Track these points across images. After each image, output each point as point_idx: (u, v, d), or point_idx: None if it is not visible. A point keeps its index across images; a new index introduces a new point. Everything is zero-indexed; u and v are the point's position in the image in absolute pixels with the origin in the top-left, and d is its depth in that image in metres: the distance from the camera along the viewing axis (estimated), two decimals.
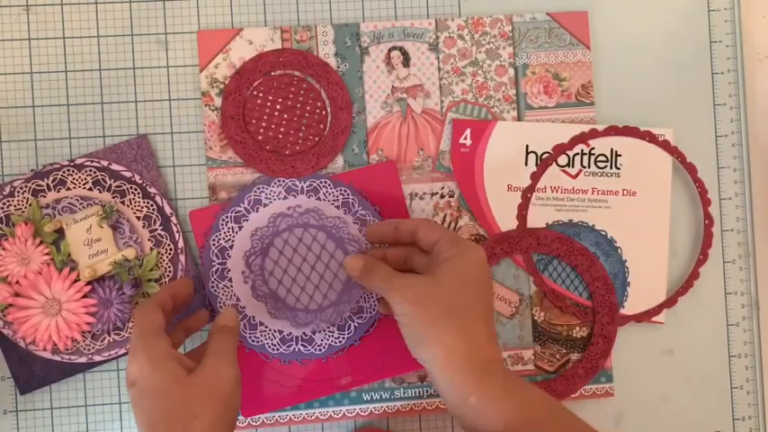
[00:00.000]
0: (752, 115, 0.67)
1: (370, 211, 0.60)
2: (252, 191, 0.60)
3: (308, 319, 0.59)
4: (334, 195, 0.60)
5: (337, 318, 0.59)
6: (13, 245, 0.59)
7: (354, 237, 0.60)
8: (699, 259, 0.65)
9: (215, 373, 0.49)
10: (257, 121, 0.64)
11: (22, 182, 0.61)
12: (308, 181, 0.60)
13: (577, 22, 0.66)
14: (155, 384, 0.47)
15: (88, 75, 0.64)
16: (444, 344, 0.49)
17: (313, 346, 0.60)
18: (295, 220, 0.59)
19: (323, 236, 0.59)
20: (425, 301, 0.50)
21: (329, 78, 0.64)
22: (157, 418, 0.46)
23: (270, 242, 0.59)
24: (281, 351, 0.60)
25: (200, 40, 0.64)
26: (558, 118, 0.66)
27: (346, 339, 0.60)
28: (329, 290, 0.59)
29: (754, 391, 0.66)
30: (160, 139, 0.64)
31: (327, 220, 0.59)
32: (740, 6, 0.67)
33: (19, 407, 0.62)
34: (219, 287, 0.59)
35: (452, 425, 0.65)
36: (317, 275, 0.59)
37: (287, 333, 0.59)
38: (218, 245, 0.59)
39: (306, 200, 0.59)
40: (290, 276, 0.59)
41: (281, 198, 0.59)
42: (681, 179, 0.66)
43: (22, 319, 0.59)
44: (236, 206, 0.60)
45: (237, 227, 0.59)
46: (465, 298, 0.50)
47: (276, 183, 0.60)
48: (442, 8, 0.66)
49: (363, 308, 0.60)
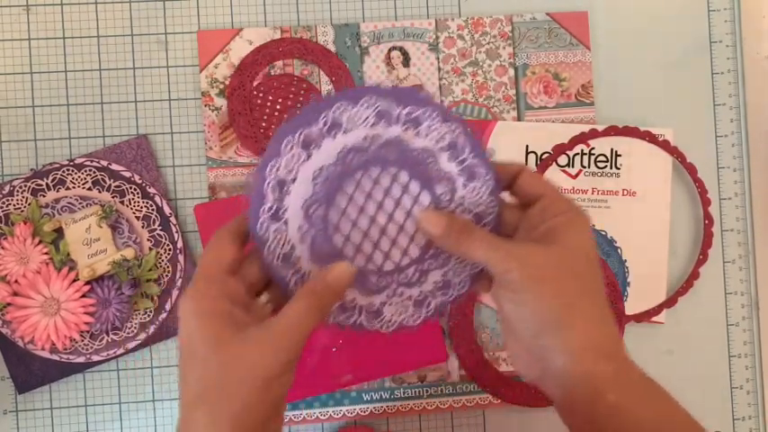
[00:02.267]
0: (752, 115, 0.67)
1: (485, 162, 0.44)
2: (332, 108, 0.42)
3: (380, 283, 0.45)
4: (439, 133, 0.44)
5: (419, 279, 0.45)
6: (12, 244, 0.59)
7: (447, 174, 0.44)
8: (699, 259, 0.65)
9: (267, 347, 0.38)
10: (257, 120, 0.64)
11: (22, 181, 0.61)
12: (409, 108, 0.43)
13: (577, 23, 0.66)
14: (192, 346, 0.38)
15: (88, 75, 0.64)
16: (581, 330, 0.40)
17: (380, 321, 0.45)
18: (372, 154, 0.43)
19: (405, 175, 0.44)
20: (556, 276, 0.40)
21: (330, 63, 0.64)
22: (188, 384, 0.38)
23: (338, 186, 0.44)
24: (339, 321, 0.45)
25: (200, 41, 0.64)
26: (558, 118, 0.66)
27: (422, 319, 0.46)
28: (410, 245, 0.44)
29: (754, 390, 0.66)
30: (160, 139, 0.64)
31: (412, 153, 0.43)
32: (740, 6, 0.67)
33: (19, 407, 0.62)
34: (271, 230, 0.43)
35: (452, 425, 0.65)
36: (396, 226, 0.44)
37: (349, 300, 0.45)
38: (276, 175, 0.43)
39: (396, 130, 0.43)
40: (360, 230, 0.44)
41: (367, 126, 0.43)
42: (681, 179, 0.66)
43: (20, 318, 0.59)
44: (306, 126, 0.42)
45: (305, 154, 0.43)
46: (594, 275, 0.42)
47: (365, 102, 0.42)
48: (441, 8, 0.66)
49: (451, 283, 0.45)
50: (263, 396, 0.38)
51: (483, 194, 0.44)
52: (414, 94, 0.42)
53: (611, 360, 0.40)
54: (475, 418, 0.65)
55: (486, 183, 0.44)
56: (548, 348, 0.40)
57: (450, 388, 0.64)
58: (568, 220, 0.41)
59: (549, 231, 0.41)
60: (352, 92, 0.42)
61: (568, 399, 0.41)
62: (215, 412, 0.37)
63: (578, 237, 0.41)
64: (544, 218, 0.41)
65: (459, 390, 0.64)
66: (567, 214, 0.41)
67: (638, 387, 0.40)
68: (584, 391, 0.40)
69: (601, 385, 0.39)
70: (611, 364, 0.40)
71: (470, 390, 0.64)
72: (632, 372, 0.41)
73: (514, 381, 0.64)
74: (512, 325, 0.42)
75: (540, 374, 0.42)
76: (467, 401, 0.64)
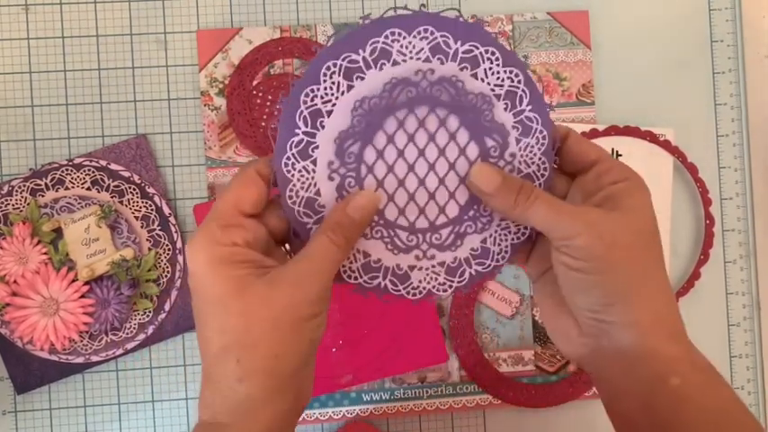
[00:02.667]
0: (753, 115, 0.67)
1: (544, 116, 0.39)
2: (382, 34, 0.37)
3: (410, 242, 0.40)
4: (499, 77, 0.39)
5: (454, 242, 0.40)
6: (11, 244, 0.59)
7: (500, 126, 0.39)
8: (700, 259, 0.65)
9: (294, 287, 0.34)
10: (257, 120, 0.63)
11: (21, 181, 0.60)
12: (469, 44, 0.38)
13: (578, 22, 0.66)
14: (209, 296, 0.35)
15: (87, 74, 0.64)
16: (651, 304, 0.36)
17: (406, 286, 0.40)
18: (422, 91, 0.38)
19: (454, 121, 0.39)
20: (629, 247, 0.36)
21: None
22: (209, 337, 0.35)
23: (379, 122, 0.38)
24: (362, 282, 0.39)
25: (199, 40, 0.64)
26: (559, 118, 0.65)
27: (454, 288, 0.40)
28: (449, 202, 0.39)
29: (756, 391, 0.66)
30: (159, 138, 0.64)
31: (466, 96, 0.38)
32: (741, 6, 0.67)
33: (18, 407, 0.62)
34: (296, 169, 0.38)
35: (452, 425, 0.64)
36: (436, 179, 0.39)
37: (374, 259, 0.39)
38: (311, 105, 0.38)
39: (452, 68, 0.38)
40: (396, 177, 0.39)
41: (420, 59, 0.38)
42: (682, 179, 0.66)
43: (19, 318, 0.59)
44: (351, 51, 0.37)
45: (347, 84, 0.37)
46: (659, 250, 0.38)
47: (421, 32, 0.37)
48: (442, 7, 0.66)
49: (489, 252, 0.40)
50: (294, 340, 0.35)
51: (536, 154, 0.39)
52: (476, 29, 0.38)
53: (678, 341, 0.37)
54: (475, 419, 0.64)
55: (540, 141, 0.39)
56: (611, 323, 0.37)
57: (451, 388, 0.64)
58: (631, 187, 0.37)
59: (610, 198, 0.37)
60: (407, 18, 0.37)
61: (625, 381, 0.37)
62: (245, 362, 0.34)
63: (643, 205, 0.37)
64: (601, 184, 0.38)
65: (460, 390, 0.64)
66: (628, 181, 0.37)
67: (702, 374, 0.37)
68: (646, 373, 0.36)
69: (665, 367, 0.36)
70: (679, 345, 0.37)
71: (470, 390, 0.64)
72: (697, 356, 0.38)
73: (514, 381, 0.64)
74: (568, 297, 0.38)
75: (591, 353, 0.38)
76: (467, 402, 0.64)
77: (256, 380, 0.34)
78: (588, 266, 0.36)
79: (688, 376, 0.36)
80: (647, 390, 0.36)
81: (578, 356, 0.39)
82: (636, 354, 0.36)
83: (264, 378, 0.34)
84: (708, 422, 0.36)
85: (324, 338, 0.62)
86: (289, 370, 0.35)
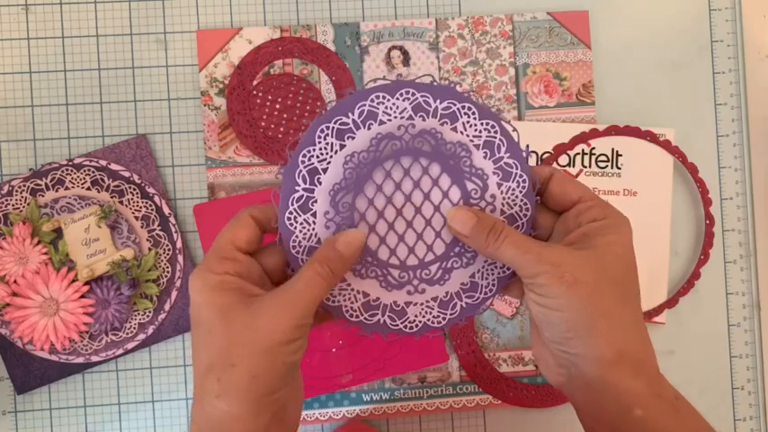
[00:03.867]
0: (753, 115, 0.67)
1: (521, 162, 0.43)
2: (368, 98, 0.42)
3: (402, 278, 0.44)
4: (476, 129, 0.43)
5: (442, 277, 0.44)
6: (11, 244, 0.59)
7: (479, 171, 0.43)
8: (700, 259, 0.65)
9: (273, 313, 0.37)
10: (257, 120, 0.63)
11: (21, 181, 0.60)
12: (447, 102, 0.42)
13: (578, 22, 0.66)
14: (201, 316, 0.38)
15: (87, 74, 0.64)
16: (615, 340, 0.38)
17: (404, 321, 0.44)
18: (405, 143, 0.42)
19: (437, 168, 0.43)
20: (591, 282, 0.38)
21: (330, 62, 0.64)
22: (198, 356, 0.38)
23: (368, 173, 0.43)
24: (363, 320, 0.44)
25: (199, 40, 0.64)
26: (559, 118, 0.65)
27: (447, 321, 0.44)
28: (436, 240, 0.43)
29: (755, 391, 0.66)
30: (159, 138, 0.64)
31: (446, 146, 0.43)
32: (741, 6, 0.67)
33: (18, 407, 0.62)
34: (299, 221, 0.42)
35: (452, 426, 0.64)
36: (422, 220, 0.43)
37: (373, 298, 0.43)
38: (309, 164, 0.42)
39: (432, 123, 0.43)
40: (386, 221, 0.43)
41: (403, 117, 0.42)
42: (682, 179, 0.66)
43: (19, 318, 0.59)
44: (342, 115, 0.42)
45: (339, 144, 0.42)
46: (631, 284, 0.40)
47: (402, 95, 0.42)
48: (442, 7, 0.66)
49: (478, 285, 0.44)
50: (271, 363, 0.37)
51: (517, 196, 0.42)
52: (452, 90, 0.42)
53: (642, 374, 0.39)
54: (475, 419, 0.64)
55: (520, 184, 0.42)
56: (577, 356, 0.39)
57: (451, 388, 0.64)
58: (608, 225, 0.39)
59: (586, 235, 0.39)
60: (390, 84, 0.42)
61: (594, 409, 0.40)
62: (223, 381, 0.37)
63: (618, 242, 0.39)
64: (580, 222, 0.40)
65: (460, 390, 0.64)
66: (605, 220, 0.40)
67: (668, 405, 0.39)
68: (611, 404, 0.39)
69: (629, 399, 0.38)
70: (642, 377, 0.39)
71: (470, 390, 0.64)
72: (663, 388, 0.39)
73: (514, 381, 0.64)
74: (540, 329, 0.41)
75: (566, 381, 0.41)
76: (467, 402, 0.64)
77: (233, 397, 0.37)
78: (550, 302, 0.38)
79: (652, 408, 0.38)
80: (614, 419, 0.39)
81: (557, 383, 0.42)
82: (599, 386, 0.39)
83: (241, 396, 0.37)
84: None
85: (324, 338, 0.62)
86: (264, 390, 0.37)
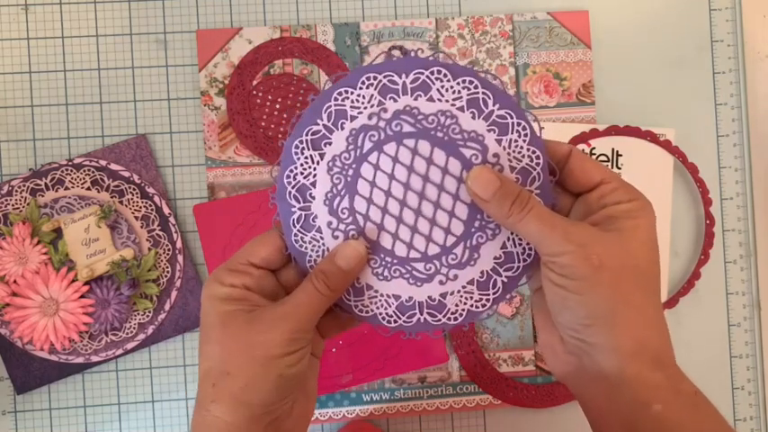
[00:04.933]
0: (753, 115, 0.67)
1: (514, 109, 0.39)
2: (331, 98, 0.39)
3: (429, 270, 0.40)
4: (454, 92, 0.39)
5: (471, 257, 0.40)
6: (10, 244, 0.59)
7: (472, 133, 0.39)
8: (700, 259, 0.65)
9: (270, 325, 0.37)
10: (257, 120, 0.63)
11: (21, 181, 0.60)
12: (414, 73, 0.39)
13: (578, 22, 0.66)
14: (206, 323, 0.38)
15: (87, 74, 0.63)
16: (636, 331, 0.36)
17: (445, 314, 0.41)
18: (383, 131, 0.39)
19: (426, 145, 0.39)
20: (617, 267, 0.35)
21: (330, 62, 0.64)
22: (201, 360, 0.39)
23: (355, 173, 0.40)
24: (402, 323, 0.41)
25: (199, 40, 0.64)
26: (559, 117, 0.65)
27: (492, 301, 0.40)
28: (452, 220, 0.40)
29: (756, 391, 0.66)
30: (159, 138, 0.64)
31: (427, 119, 0.39)
32: (741, 6, 0.67)
33: (18, 407, 0.62)
34: (306, 241, 0.40)
35: (452, 426, 0.64)
36: (430, 204, 0.40)
37: (406, 298, 0.41)
38: (295, 183, 0.40)
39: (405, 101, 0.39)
40: (392, 216, 0.40)
41: (373, 105, 0.39)
42: (682, 179, 0.66)
43: (19, 318, 0.59)
44: (311, 124, 0.40)
45: (319, 154, 0.40)
46: (656, 272, 0.37)
47: (365, 82, 0.39)
48: (442, 7, 0.66)
49: (513, 254, 0.40)
50: (264, 375, 0.37)
51: (521, 146, 0.39)
52: (414, 59, 0.39)
53: (662, 367, 0.37)
54: (475, 419, 0.64)
55: (521, 133, 0.39)
56: (593, 345, 0.37)
57: (451, 388, 0.64)
58: (635, 208, 0.37)
59: (612, 218, 0.37)
60: (349, 76, 0.39)
61: (605, 403, 0.37)
62: (218, 387, 0.37)
63: (644, 226, 0.37)
64: (604, 203, 0.37)
65: (460, 390, 0.64)
66: (632, 202, 0.37)
67: (687, 401, 0.37)
68: (626, 398, 0.36)
69: (647, 393, 0.36)
70: (662, 371, 0.37)
71: (471, 390, 0.64)
72: (683, 382, 0.37)
73: (514, 381, 0.64)
74: (553, 313, 0.38)
75: (574, 371, 0.38)
76: (467, 402, 0.64)
77: (226, 404, 0.37)
78: (572, 285, 0.36)
79: (671, 403, 0.36)
80: (629, 414, 0.36)
81: (563, 373, 0.40)
82: (616, 378, 0.36)
83: (233, 404, 0.37)
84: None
85: None
86: (257, 400, 0.37)
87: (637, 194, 0.37)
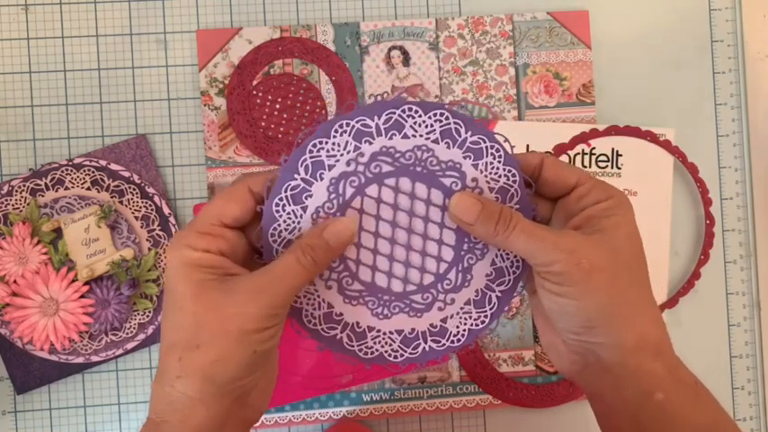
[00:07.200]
0: (753, 115, 0.67)
1: (485, 134, 0.40)
2: (306, 151, 0.40)
3: (427, 299, 0.42)
4: (427, 126, 0.40)
5: (465, 279, 0.42)
6: (10, 244, 0.59)
7: (449, 162, 0.40)
8: (700, 259, 0.65)
9: (247, 297, 0.35)
10: (257, 120, 0.63)
11: (21, 181, 0.60)
12: (386, 114, 0.40)
13: (578, 22, 0.66)
14: (173, 294, 0.36)
15: (87, 74, 0.63)
16: (635, 326, 0.37)
17: (447, 338, 0.42)
18: (362, 176, 0.40)
19: (406, 181, 0.40)
20: (608, 268, 0.36)
21: (330, 61, 0.64)
22: (165, 331, 0.37)
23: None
24: (408, 356, 0.42)
25: (199, 40, 0.64)
26: (559, 117, 0.65)
27: (490, 317, 0.42)
28: (441, 247, 0.41)
29: (756, 391, 0.66)
30: (159, 138, 0.64)
31: (404, 156, 0.40)
32: (741, 6, 0.67)
33: (18, 407, 0.62)
34: (301, 296, 0.41)
35: (452, 426, 0.64)
36: (418, 237, 0.41)
37: (408, 331, 0.42)
38: (280, 239, 0.40)
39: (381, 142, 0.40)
40: (384, 255, 0.41)
41: (350, 151, 0.40)
42: (682, 179, 0.66)
43: (19, 318, 0.59)
44: (289, 180, 0.40)
45: (300, 209, 0.40)
46: (642, 264, 0.38)
47: (339, 129, 0.40)
48: (442, 7, 0.66)
49: (503, 269, 0.41)
50: (237, 350, 0.35)
51: (497, 167, 0.40)
52: (383, 103, 0.40)
53: (662, 357, 0.38)
54: (475, 419, 0.64)
55: (495, 156, 0.40)
56: (595, 344, 0.38)
57: (451, 388, 0.64)
58: (611, 207, 0.38)
59: (592, 218, 0.38)
60: (321, 127, 0.40)
61: (612, 397, 0.38)
62: (185, 361, 0.35)
63: (625, 222, 0.38)
64: (582, 205, 0.38)
65: (460, 390, 0.64)
66: (609, 200, 0.38)
67: (689, 389, 0.38)
68: (631, 389, 0.37)
69: (650, 383, 0.37)
70: (662, 361, 0.38)
71: (470, 390, 0.64)
72: (682, 372, 0.39)
73: (514, 381, 0.64)
74: (552, 319, 0.39)
75: (581, 369, 0.40)
76: (467, 402, 0.64)
77: (192, 380, 0.35)
78: (568, 291, 0.36)
79: (672, 392, 0.37)
80: (634, 405, 0.37)
81: (569, 372, 0.41)
82: (621, 372, 0.37)
83: (200, 380, 0.35)
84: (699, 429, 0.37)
85: None
86: (227, 377, 0.35)
87: (612, 191, 0.38)
